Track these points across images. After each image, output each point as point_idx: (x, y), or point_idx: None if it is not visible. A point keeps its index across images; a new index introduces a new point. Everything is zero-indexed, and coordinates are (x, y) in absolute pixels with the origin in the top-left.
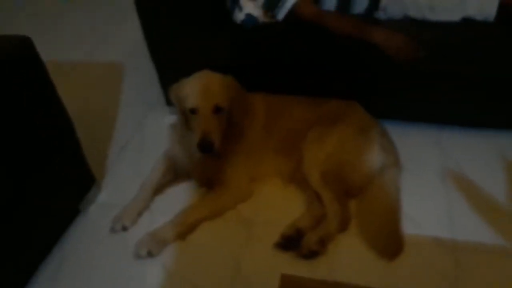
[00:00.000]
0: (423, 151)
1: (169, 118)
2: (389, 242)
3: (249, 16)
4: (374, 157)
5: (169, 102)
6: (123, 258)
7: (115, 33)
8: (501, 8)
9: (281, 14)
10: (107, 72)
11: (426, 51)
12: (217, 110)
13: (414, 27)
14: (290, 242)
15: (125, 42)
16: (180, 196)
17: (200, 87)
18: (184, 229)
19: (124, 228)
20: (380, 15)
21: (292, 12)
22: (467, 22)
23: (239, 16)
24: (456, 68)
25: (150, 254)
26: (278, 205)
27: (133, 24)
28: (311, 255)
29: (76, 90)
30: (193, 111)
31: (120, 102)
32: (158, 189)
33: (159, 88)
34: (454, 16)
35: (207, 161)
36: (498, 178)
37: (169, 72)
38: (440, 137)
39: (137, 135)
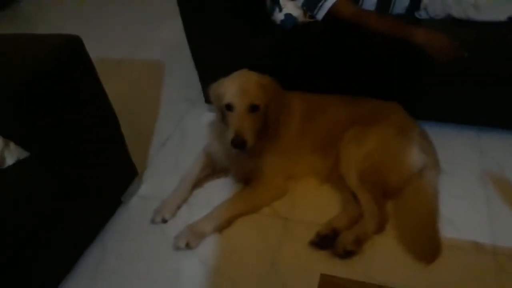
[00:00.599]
0: (462, 153)
1: (208, 115)
2: (427, 245)
3: (288, 16)
4: (414, 158)
5: (208, 100)
6: (163, 250)
7: (156, 32)
8: None
9: (320, 14)
10: (149, 69)
11: (468, 52)
12: (252, 108)
13: (456, 27)
14: (326, 241)
15: (166, 42)
16: (218, 191)
17: (237, 85)
18: (222, 223)
19: (164, 221)
20: (421, 14)
21: (331, 12)
22: None
23: (279, 16)
24: (497, 68)
25: (188, 246)
26: (313, 204)
27: (174, 23)
28: (347, 254)
29: (120, 87)
30: (229, 107)
31: (162, 99)
32: (197, 183)
33: (199, 86)
34: (500, 15)
35: (244, 158)
36: None
37: (209, 71)
38: (479, 139)
39: (178, 131)
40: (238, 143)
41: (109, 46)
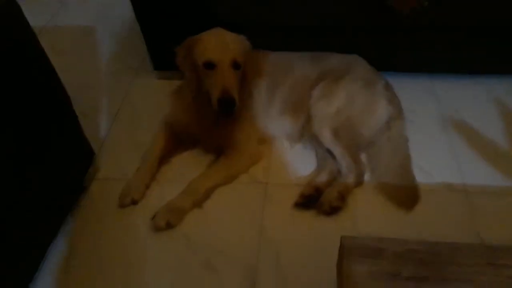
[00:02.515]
0: (420, 101)
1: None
2: (407, 193)
3: None
4: (382, 110)
5: (157, 66)
6: (139, 233)
7: None
8: None
9: None
10: (78, 37)
11: (428, 1)
12: (235, 65)
13: None
14: (310, 201)
15: (93, 3)
16: (188, 164)
17: (218, 41)
18: (200, 196)
19: (134, 202)
20: None
21: None
22: None
23: None
24: (452, 18)
25: (169, 225)
26: (289, 165)
27: None
28: (333, 210)
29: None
30: (210, 65)
31: (100, 69)
32: (163, 159)
33: (142, 53)
34: None
35: (218, 125)
36: (495, 122)
37: (157, 31)
38: (433, 86)
39: (126, 103)
40: (228, 101)
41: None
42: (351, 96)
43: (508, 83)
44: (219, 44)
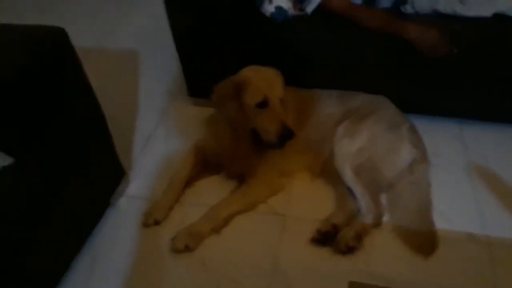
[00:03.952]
0: (446, 146)
1: (193, 110)
2: (425, 239)
3: (279, 9)
4: (405, 153)
5: (192, 93)
6: (158, 253)
7: (128, 19)
8: None
9: (310, 7)
10: (122, 60)
11: (458, 48)
12: (281, 102)
13: (443, 22)
14: (327, 238)
15: (139, 29)
16: (210, 189)
17: (267, 80)
18: (219, 223)
19: (157, 222)
20: (407, 8)
21: (322, 5)
22: (499, 18)
23: (269, 9)
24: (483, 63)
25: (187, 248)
26: (309, 199)
27: (147, 9)
28: (348, 250)
29: (92, 79)
30: (263, 104)
31: (140, 91)
32: (189, 182)
33: (180, 77)
34: (486, 10)
35: (241, 155)
36: None
37: (194, 62)
38: (461, 131)
39: (161, 126)
40: (288, 135)
41: (75, 35)
42: (374, 136)
43: None
44: (269, 82)
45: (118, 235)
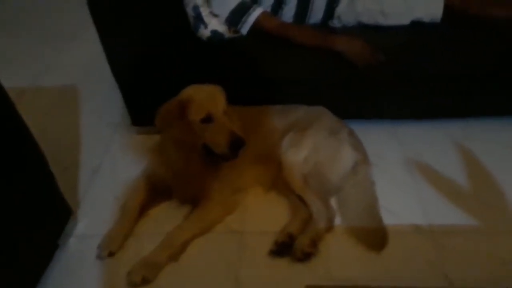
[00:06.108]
0: (384, 146)
1: (137, 138)
2: (375, 235)
3: (214, 32)
4: (348, 156)
5: (135, 122)
6: None
7: (60, 57)
8: (446, 9)
9: (245, 29)
10: (61, 96)
11: (384, 55)
12: (225, 113)
13: (367, 33)
14: (284, 248)
15: (74, 65)
16: (165, 217)
17: (209, 96)
18: (176, 250)
19: (111, 254)
20: (335, 23)
21: (255, 26)
22: (416, 25)
23: (205, 33)
24: (405, 68)
25: (145, 281)
26: (263, 213)
27: (80, 47)
28: (305, 257)
29: (30, 118)
30: (208, 119)
31: (82, 126)
32: (141, 212)
33: (121, 108)
34: (404, 19)
35: (194, 176)
36: (454, 162)
37: (134, 91)
38: (395, 131)
39: (106, 159)
40: (239, 141)
41: (8, 75)
42: (317, 144)
43: (465, 126)
44: (211, 97)
45: (69, 278)
